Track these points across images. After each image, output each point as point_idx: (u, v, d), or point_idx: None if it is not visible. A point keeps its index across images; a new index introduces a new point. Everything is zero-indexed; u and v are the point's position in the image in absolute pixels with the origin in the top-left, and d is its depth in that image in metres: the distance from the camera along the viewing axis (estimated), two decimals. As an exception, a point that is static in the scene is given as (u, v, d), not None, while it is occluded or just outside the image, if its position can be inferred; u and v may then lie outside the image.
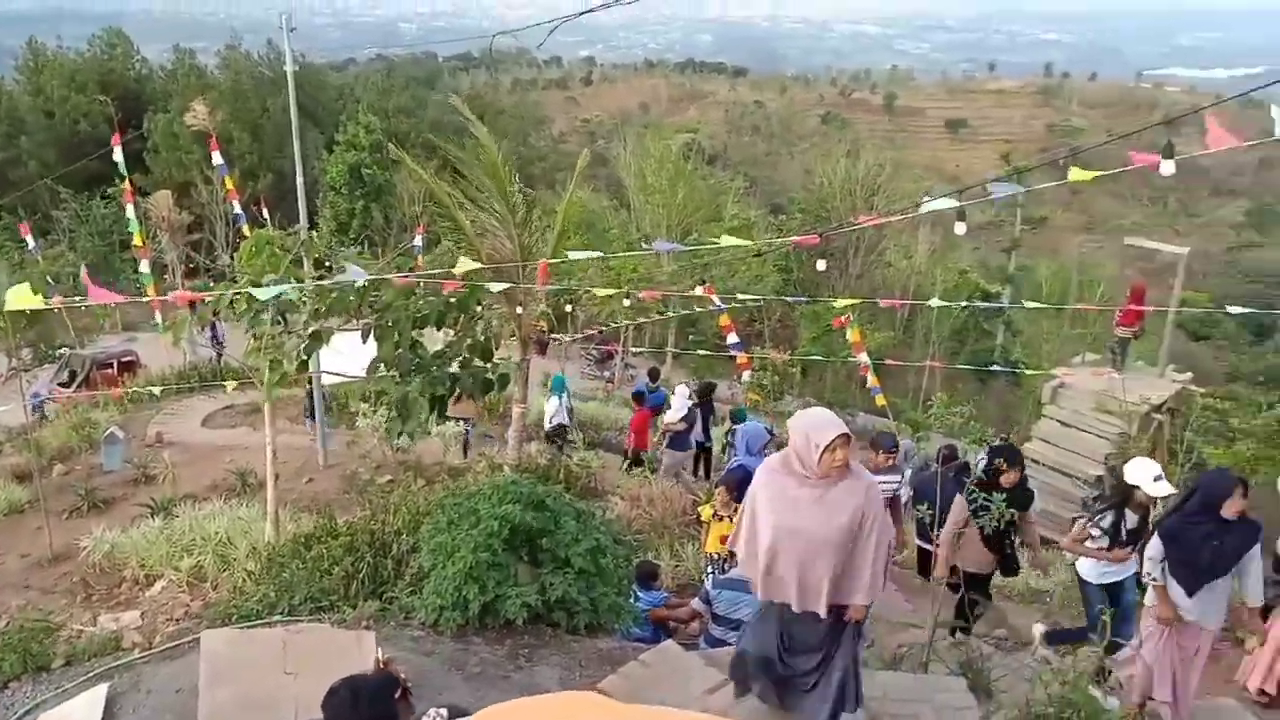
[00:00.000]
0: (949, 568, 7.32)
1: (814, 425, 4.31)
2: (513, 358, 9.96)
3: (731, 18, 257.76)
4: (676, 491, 11.26)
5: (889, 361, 23.99)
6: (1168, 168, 5.14)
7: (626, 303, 12.54)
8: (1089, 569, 7.07)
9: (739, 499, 8.76)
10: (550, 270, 9.09)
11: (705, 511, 8.47)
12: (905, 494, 9.46)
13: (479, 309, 9.13)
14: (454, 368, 8.65)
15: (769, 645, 4.66)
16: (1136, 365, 17.26)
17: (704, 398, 13.98)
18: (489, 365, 8.82)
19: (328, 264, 9.15)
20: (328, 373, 14.49)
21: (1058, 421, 16.20)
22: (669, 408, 13.89)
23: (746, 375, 20.30)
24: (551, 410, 14.46)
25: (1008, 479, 7.27)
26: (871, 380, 17.59)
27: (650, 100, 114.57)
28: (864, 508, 4.30)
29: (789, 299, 23.42)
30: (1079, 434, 15.83)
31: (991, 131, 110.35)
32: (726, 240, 7.56)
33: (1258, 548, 5.74)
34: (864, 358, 17.26)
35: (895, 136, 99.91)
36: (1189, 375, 17.20)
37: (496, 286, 8.45)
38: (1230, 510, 5.71)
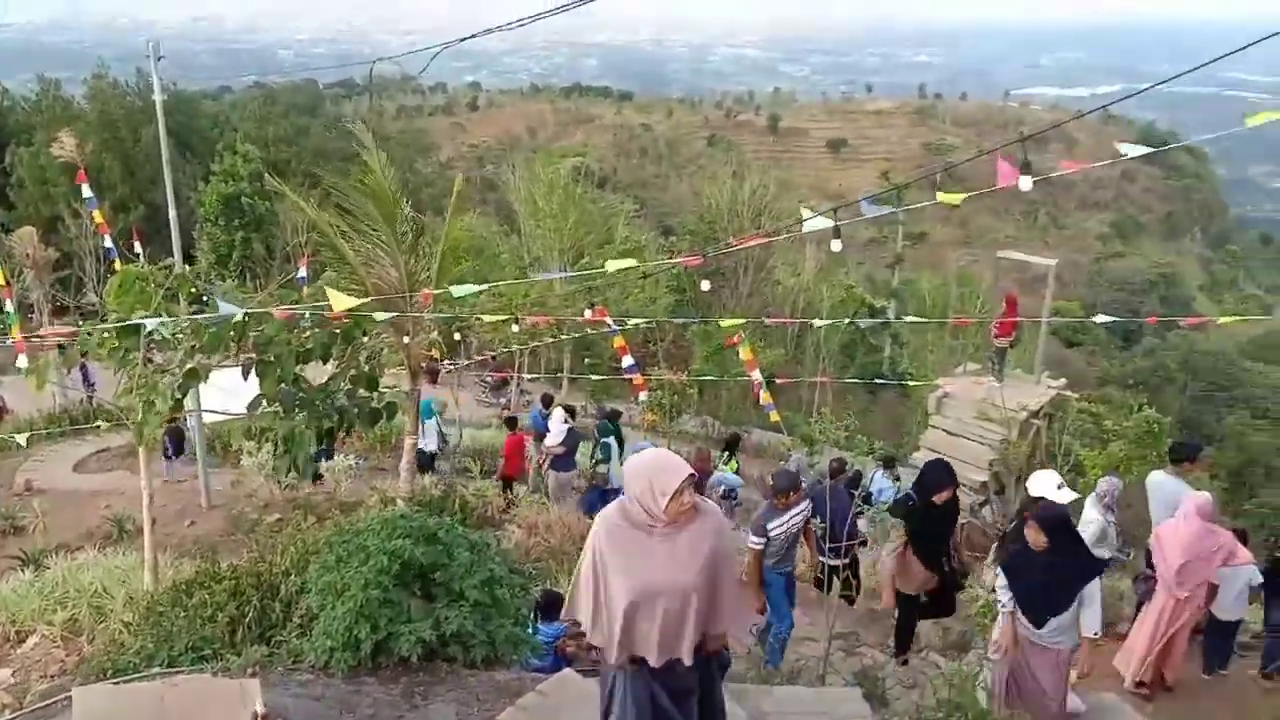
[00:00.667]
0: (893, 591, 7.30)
1: (657, 470, 3.91)
2: (400, 387, 9.78)
3: (615, 42, 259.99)
4: (574, 517, 11.20)
5: (780, 379, 24.42)
6: (1026, 184, 5.34)
7: (516, 328, 12.44)
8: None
9: None
10: (439, 298, 8.97)
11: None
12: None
13: (365, 339, 8.94)
14: (340, 400, 8.43)
15: (646, 711, 4.22)
16: (1014, 373, 17.92)
17: (612, 422, 13.85)
18: (375, 395, 8.63)
19: (204, 298, 8.83)
20: (208, 411, 13.98)
21: (944, 431, 16.69)
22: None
23: (643, 396, 20.36)
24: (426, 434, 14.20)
25: (941, 496, 7.12)
26: (764, 397, 17.82)
27: (537, 125, 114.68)
28: (716, 545, 4.07)
29: (678, 319, 23.60)
30: (964, 442, 16.33)
31: (872, 151, 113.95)
32: (612, 265, 7.56)
33: (1098, 581, 5.80)
34: (756, 375, 17.48)
35: (780, 157, 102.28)
36: (1063, 381, 17.94)
37: (381, 316, 8.28)
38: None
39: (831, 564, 7.94)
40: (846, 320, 24.75)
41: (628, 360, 17.88)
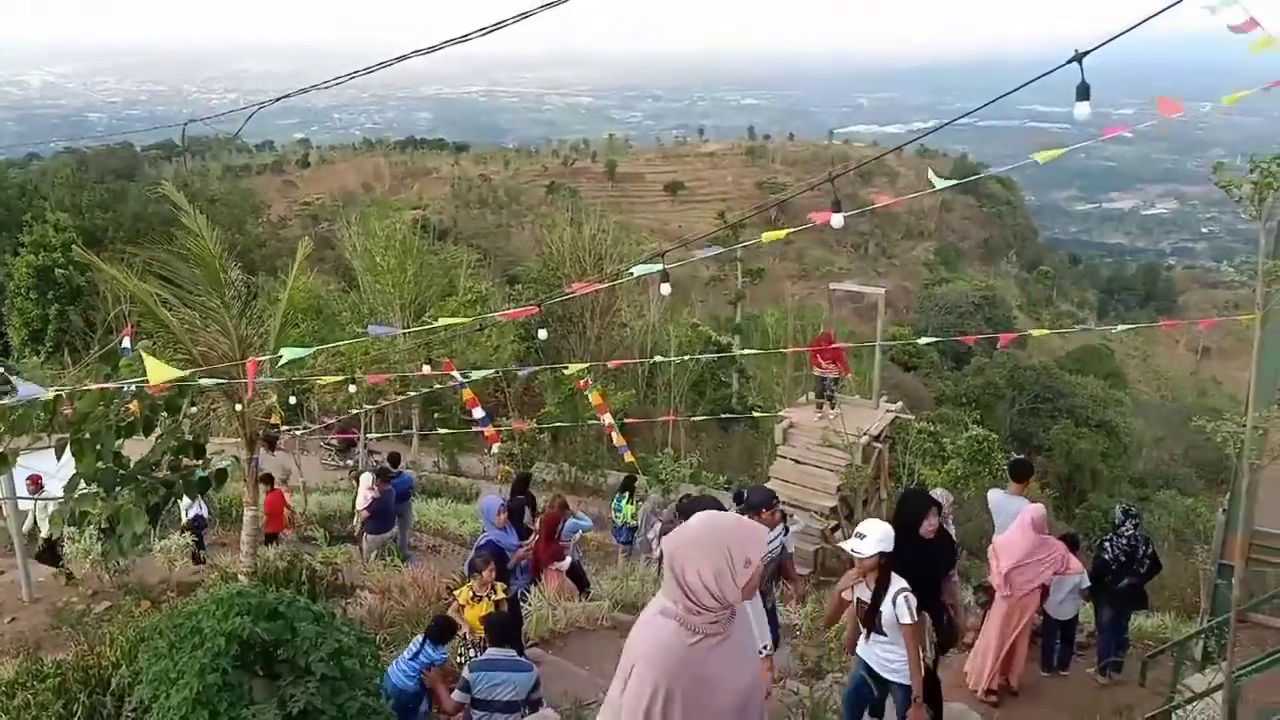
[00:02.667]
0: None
1: (737, 536, 2.93)
2: (223, 455, 9.31)
3: (447, 94, 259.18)
4: (430, 575, 10.88)
5: (632, 419, 24.57)
6: (838, 220, 5.54)
7: (353, 388, 12.08)
8: None
9: (501, 575, 8.55)
10: (273, 362, 8.62)
11: (463, 594, 8.21)
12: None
13: (192, 408, 8.48)
14: (165, 472, 7.94)
15: None
16: (853, 399, 18.52)
17: (521, 490, 13.16)
18: (202, 463, 8.17)
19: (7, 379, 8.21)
20: (23, 498, 12.96)
21: (791, 460, 17.06)
22: (413, 494, 13.49)
23: (496, 448, 20.13)
24: (186, 502, 13.55)
25: (927, 527, 6.20)
26: (617, 439, 17.86)
27: (372, 179, 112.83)
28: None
29: (517, 368, 23.52)
30: (811, 470, 16.73)
31: (708, 192, 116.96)
32: (445, 320, 7.43)
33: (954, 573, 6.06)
34: (607, 418, 17.51)
35: (619, 202, 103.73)
36: (900, 404, 18.63)
37: (208, 383, 7.88)
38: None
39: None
40: (685, 356, 25.08)
41: (478, 412, 17.64)
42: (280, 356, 8.43)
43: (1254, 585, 9.08)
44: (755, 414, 24.96)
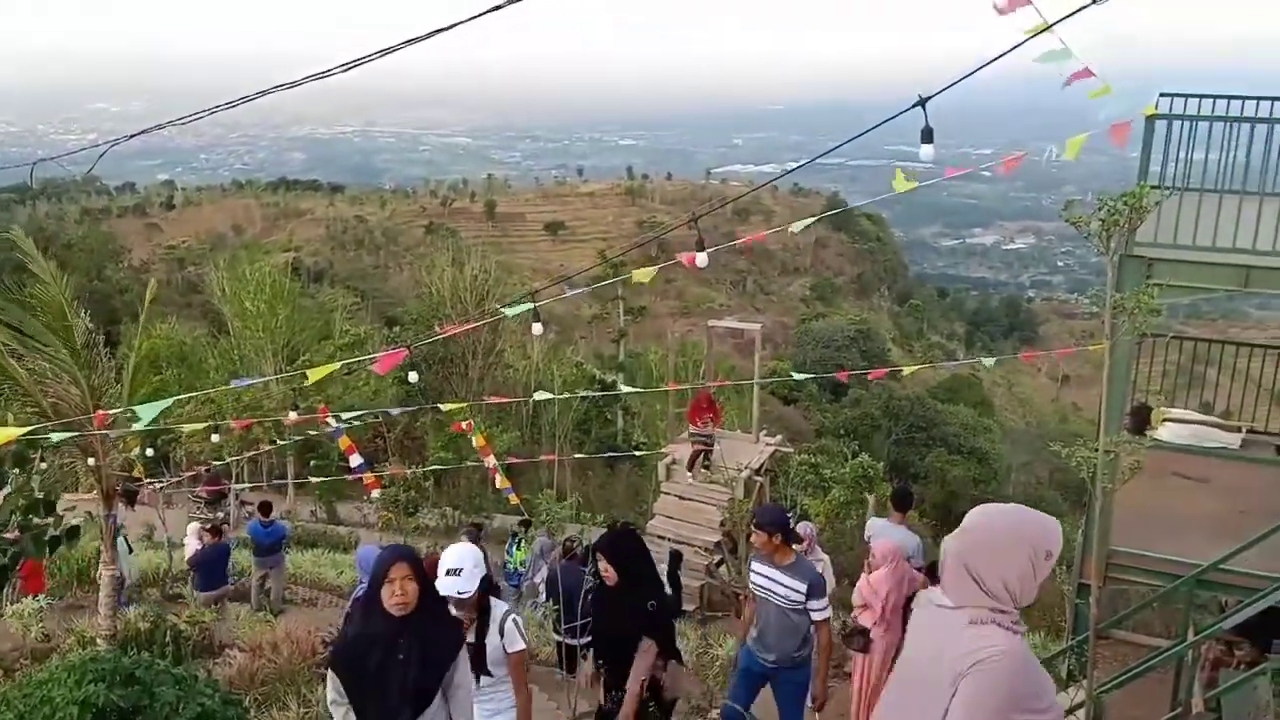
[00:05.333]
0: None
1: (1038, 532, 2.74)
2: (76, 511, 8.81)
3: (321, 134, 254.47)
4: (305, 631, 10.46)
5: (517, 460, 24.31)
6: (702, 259, 5.63)
7: (216, 438, 11.64)
8: None
9: None
10: (130, 413, 8.20)
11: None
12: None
13: (42, 464, 8.00)
14: (11, 531, 7.45)
15: None
16: (734, 434, 18.76)
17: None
18: (52, 520, 7.70)
19: None
20: None
21: (675, 496, 17.13)
22: (288, 544, 13.01)
23: (376, 494, 19.61)
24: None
25: (605, 572, 5.55)
26: (501, 481, 17.62)
27: (243, 221, 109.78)
28: None
29: (391, 411, 23.13)
30: (695, 505, 16.83)
31: (588, 231, 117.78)
32: (314, 372, 7.19)
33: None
34: (491, 460, 17.27)
35: (500, 242, 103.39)
36: (779, 437, 18.94)
37: (58, 437, 7.45)
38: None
39: (570, 643, 7.83)
40: (564, 394, 24.99)
41: (356, 459, 17.18)
42: (150, 410, 8.04)
43: (1118, 603, 9.47)
44: (638, 452, 25.00)
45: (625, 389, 21.79)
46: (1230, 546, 6.94)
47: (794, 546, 5.91)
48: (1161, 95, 8.39)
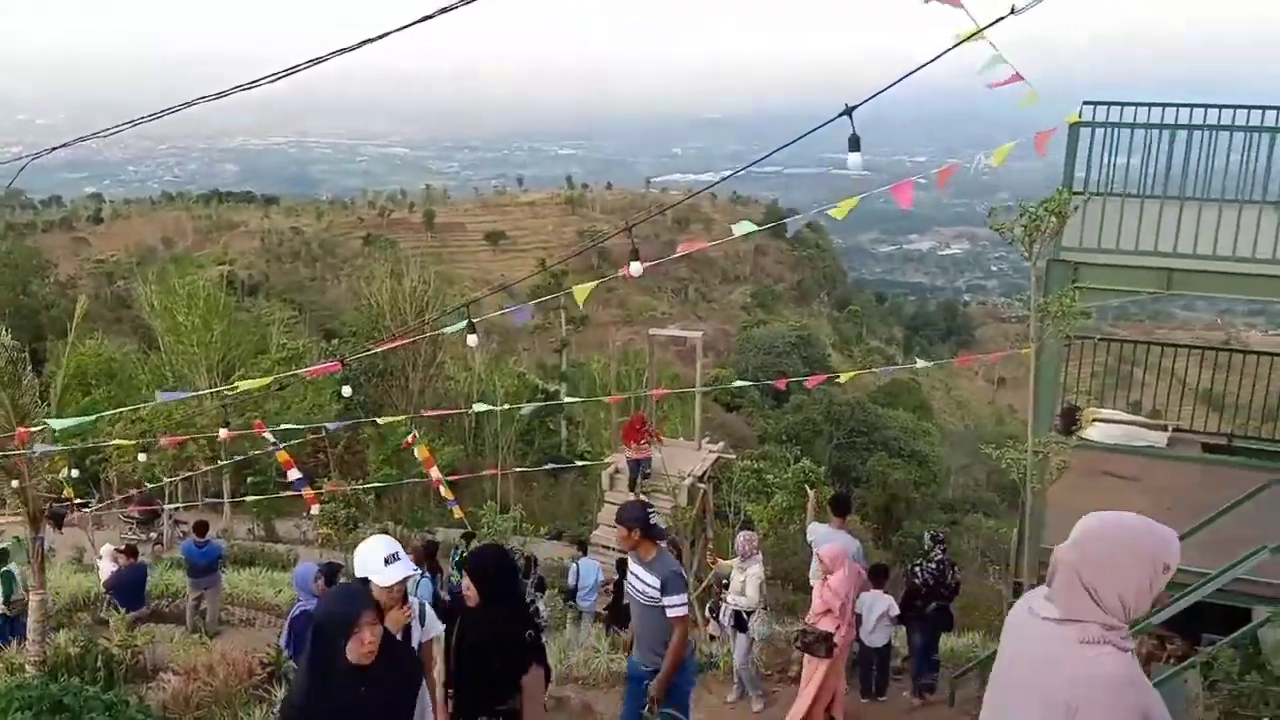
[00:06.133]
0: None
1: (1158, 544, 2.64)
2: (2, 535, 8.57)
3: (253, 145, 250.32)
4: (241, 652, 10.24)
5: (461, 474, 24.13)
6: (636, 269, 5.64)
7: (143, 457, 11.36)
8: None
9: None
10: (51, 432, 7.98)
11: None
12: None
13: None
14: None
15: None
16: (677, 442, 18.80)
17: (429, 558, 12.37)
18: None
19: None
20: None
21: (619, 506, 17.10)
22: (224, 564, 12.76)
23: (316, 510, 19.29)
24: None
25: (467, 592, 4.98)
26: (446, 494, 17.48)
27: (174, 234, 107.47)
28: None
29: (329, 425, 22.79)
30: (641, 498, 16.82)
31: (529, 241, 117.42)
32: (244, 384, 7.06)
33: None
34: (435, 473, 17.10)
35: (440, 252, 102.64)
36: (722, 444, 19.03)
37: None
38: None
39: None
40: (506, 406, 24.85)
41: (294, 474, 16.89)
42: (65, 425, 7.83)
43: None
44: (580, 462, 24.94)
45: (567, 399, 21.70)
46: (1158, 542, 7.09)
47: (659, 543, 5.77)
48: (1085, 103, 8.61)
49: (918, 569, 8.94)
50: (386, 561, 4.35)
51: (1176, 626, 6.86)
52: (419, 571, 4.32)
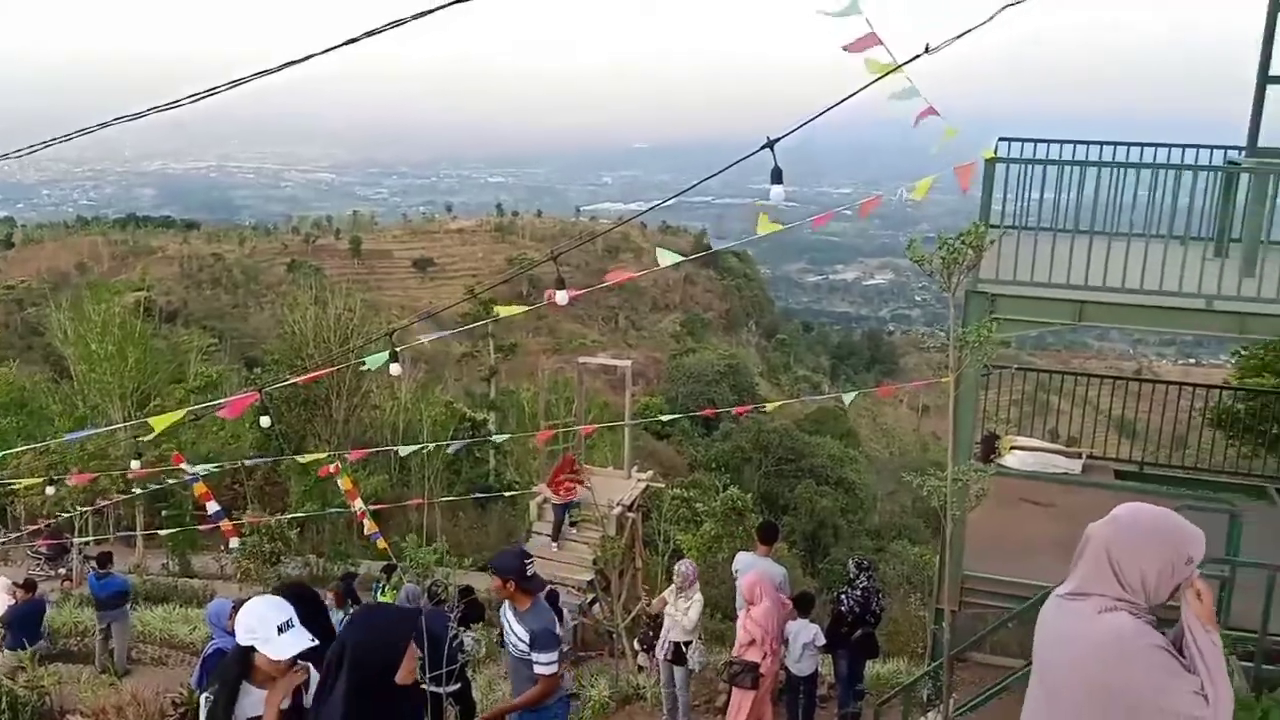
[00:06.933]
0: None
1: (1186, 535, 2.81)
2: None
3: (173, 169, 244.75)
4: (152, 692, 9.88)
5: (385, 505, 23.73)
6: (562, 298, 5.61)
7: (50, 490, 10.91)
8: None
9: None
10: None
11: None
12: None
13: None
14: None
15: None
16: (606, 471, 18.75)
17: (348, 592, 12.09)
18: None
19: None
20: None
21: (546, 536, 16.98)
22: (130, 598, 12.36)
23: (235, 543, 18.77)
24: None
25: (406, 672, 4.03)
26: (369, 526, 17.14)
27: (89, 259, 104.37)
28: None
29: (246, 460, 22.34)
30: (566, 544, 16.72)
31: (458, 268, 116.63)
32: (158, 420, 6.83)
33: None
34: (358, 504, 16.77)
35: (366, 279, 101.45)
36: (651, 473, 19.03)
37: None
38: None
39: (435, 691, 7.60)
40: (427, 445, 24.32)
41: (212, 506, 16.43)
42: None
43: (978, 627, 9.81)
44: (508, 492, 24.71)
45: (496, 436, 21.52)
46: (1074, 568, 7.26)
47: (536, 594, 5.59)
48: (1000, 139, 8.86)
49: (843, 596, 9.01)
50: (280, 630, 3.87)
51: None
52: (317, 643, 3.82)
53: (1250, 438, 12.68)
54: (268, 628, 3.86)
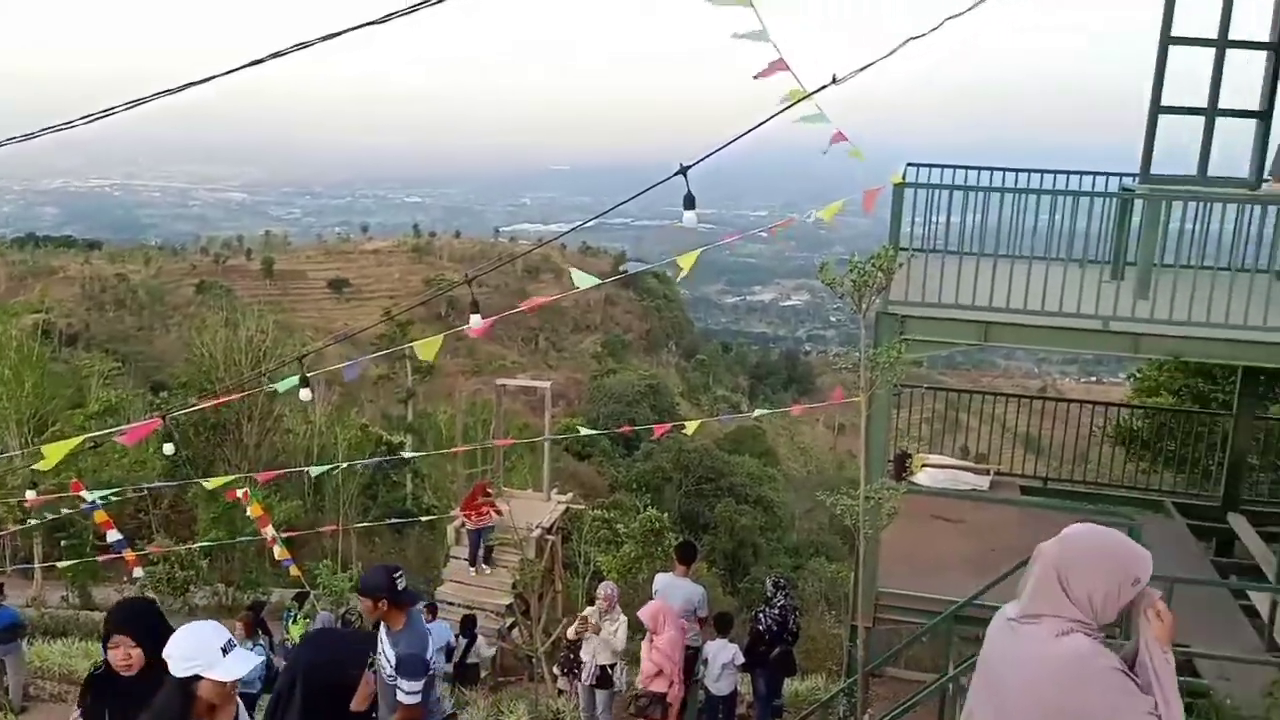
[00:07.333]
0: None
1: (1132, 556, 2.85)
2: None
3: (76, 188, 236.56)
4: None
5: (298, 531, 23.16)
6: (476, 321, 5.58)
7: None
8: None
9: None
10: None
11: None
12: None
13: None
14: None
15: None
16: (525, 493, 18.63)
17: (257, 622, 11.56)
18: None
19: None
20: None
21: (465, 560, 16.78)
22: (23, 631, 11.82)
23: (139, 573, 18.14)
24: None
25: None
26: (280, 553, 16.73)
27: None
28: None
29: (148, 486, 21.65)
30: (485, 568, 16.55)
31: (374, 289, 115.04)
32: (53, 449, 6.56)
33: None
34: (269, 531, 16.36)
35: (280, 300, 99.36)
36: (570, 495, 18.96)
37: None
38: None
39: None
40: (339, 465, 23.82)
41: (113, 535, 15.86)
42: None
43: (894, 642, 9.98)
44: (424, 517, 24.33)
45: (409, 454, 21.20)
46: (983, 583, 7.45)
47: (411, 606, 5.41)
48: (909, 164, 9.10)
49: (761, 615, 9.07)
50: (224, 651, 3.66)
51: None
52: (262, 661, 3.61)
53: (1148, 454, 13.19)
54: (211, 652, 3.68)
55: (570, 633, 9.55)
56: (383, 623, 5.32)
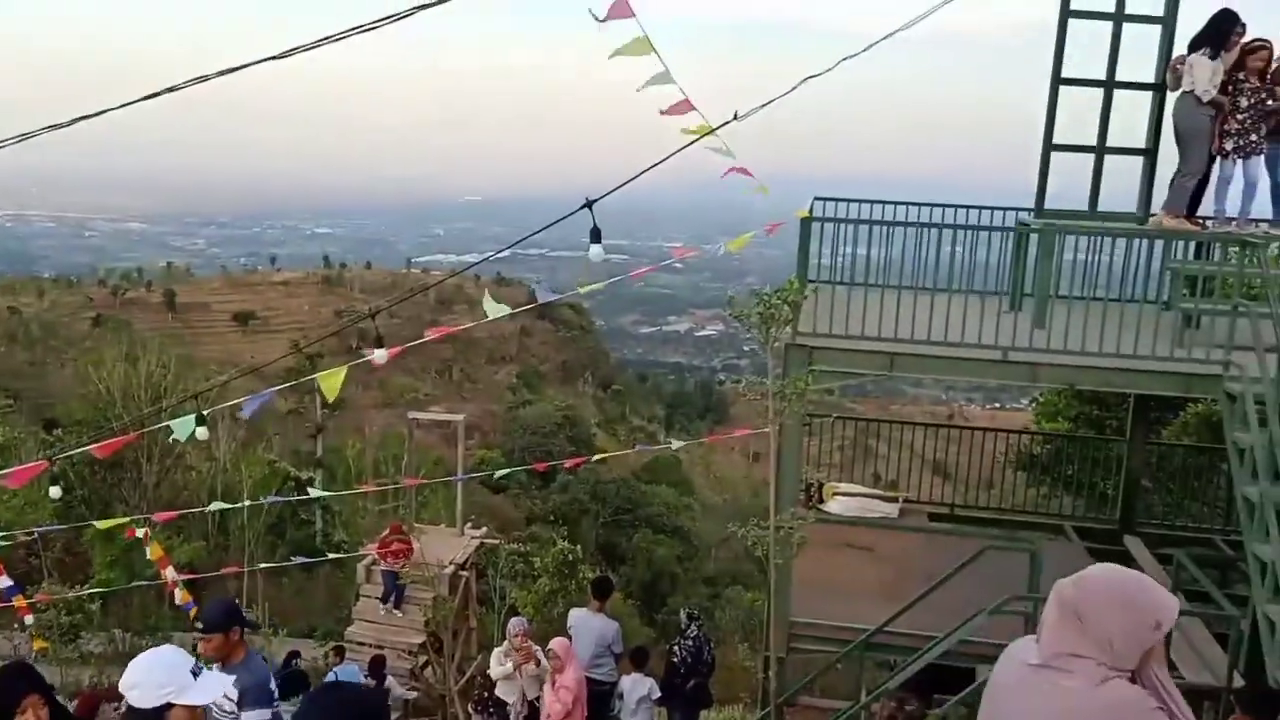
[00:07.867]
0: None
1: (1155, 599, 2.74)
2: None
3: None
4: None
5: (194, 574, 22.36)
6: (381, 355, 5.49)
7: None
8: None
9: None
10: None
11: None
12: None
13: None
14: None
15: None
16: (438, 528, 18.33)
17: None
18: None
19: None
20: None
21: (376, 598, 16.40)
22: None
23: (29, 620, 17.30)
24: None
25: None
26: (181, 596, 16.12)
27: None
28: None
29: (36, 530, 20.79)
30: (396, 613, 16.22)
31: (283, 321, 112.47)
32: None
33: None
34: (170, 573, 15.76)
35: (182, 334, 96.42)
36: (484, 529, 18.71)
37: None
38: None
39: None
40: (243, 504, 23.13)
41: (4, 581, 15.12)
42: None
43: (809, 670, 10.04)
44: (332, 555, 23.72)
45: (316, 493, 20.71)
46: (893, 610, 7.56)
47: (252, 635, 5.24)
48: (816, 198, 9.28)
49: (676, 647, 9.05)
50: (195, 675, 3.50)
51: (914, 688, 7.26)
52: (234, 676, 3.48)
53: (1048, 479, 13.60)
54: (182, 676, 3.51)
55: (503, 670, 9.32)
56: (218, 661, 5.02)
